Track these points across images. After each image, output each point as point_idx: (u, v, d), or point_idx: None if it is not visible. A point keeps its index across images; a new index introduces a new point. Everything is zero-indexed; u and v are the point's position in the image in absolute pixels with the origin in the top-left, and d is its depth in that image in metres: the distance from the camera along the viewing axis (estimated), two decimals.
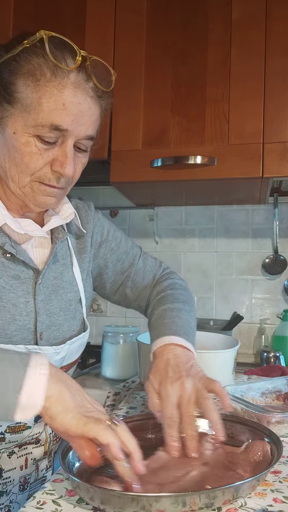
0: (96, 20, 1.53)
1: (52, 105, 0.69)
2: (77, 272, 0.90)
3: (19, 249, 0.77)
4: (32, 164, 0.71)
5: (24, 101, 0.69)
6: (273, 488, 0.65)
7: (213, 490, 0.57)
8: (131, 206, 2.01)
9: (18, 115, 0.70)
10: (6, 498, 0.79)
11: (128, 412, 0.99)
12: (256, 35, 1.41)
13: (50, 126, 0.69)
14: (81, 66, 0.71)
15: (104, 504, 0.57)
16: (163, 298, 0.94)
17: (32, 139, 0.70)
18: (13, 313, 0.77)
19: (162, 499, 0.55)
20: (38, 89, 0.69)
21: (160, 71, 1.49)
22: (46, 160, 0.72)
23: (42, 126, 0.69)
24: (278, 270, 1.84)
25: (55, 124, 0.69)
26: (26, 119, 0.69)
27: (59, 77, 0.69)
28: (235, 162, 1.40)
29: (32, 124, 0.69)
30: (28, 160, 0.71)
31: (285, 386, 1.05)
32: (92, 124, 0.74)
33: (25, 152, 0.70)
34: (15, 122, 0.70)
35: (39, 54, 0.69)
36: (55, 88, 0.69)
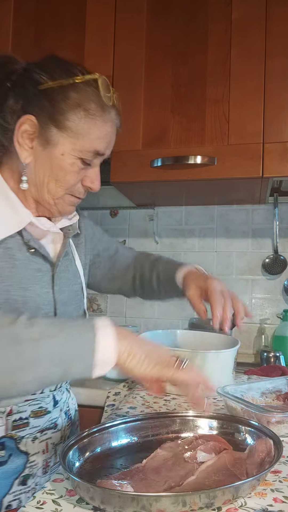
0: (96, 20, 1.53)
1: (98, 134, 0.82)
2: (79, 265, 0.99)
3: (39, 245, 0.87)
4: (72, 180, 0.83)
5: (74, 129, 0.80)
6: (273, 487, 0.65)
7: (213, 490, 0.57)
8: (131, 206, 2.01)
9: (66, 139, 0.80)
10: (32, 481, 0.85)
11: (128, 412, 0.99)
12: (256, 35, 1.42)
13: (94, 151, 0.82)
14: (114, 104, 0.85)
15: (104, 504, 0.57)
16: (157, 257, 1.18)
17: (76, 160, 0.82)
18: (38, 303, 0.84)
19: (162, 499, 0.55)
20: (88, 121, 0.80)
21: (160, 71, 1.50)
22: (80, 177, 0.85)
23: (87, 151, 0.82)
24: (278, 270, 1.84)
25: (97, 150, 0.83)
26: (74, 144, 0.81)
27: (106, 112, 0.82)
28: (235, 162, 1.41)
29: (79, 149, 0.81)
30: (70, 177, 0.83)
31: (285, 386, 1.05)
32: (111, 148, 0.89)
33: (69, 171, 0.82)
34: (63, 145, 0.81)
35: (92, 92, 0.81)
36: (102, 121, 0.82)
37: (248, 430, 0.77)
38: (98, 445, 0.74)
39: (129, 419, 0.80)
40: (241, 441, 0.76)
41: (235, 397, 0.91)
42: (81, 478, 0.60)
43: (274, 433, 0.72)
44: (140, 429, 0.79)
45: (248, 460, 0.68)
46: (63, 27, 1.57)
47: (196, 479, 0.64)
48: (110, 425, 0.77)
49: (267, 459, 0.67)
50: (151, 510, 0.55)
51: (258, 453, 0.68)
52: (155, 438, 0.79)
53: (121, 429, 0.78)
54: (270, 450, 0.68)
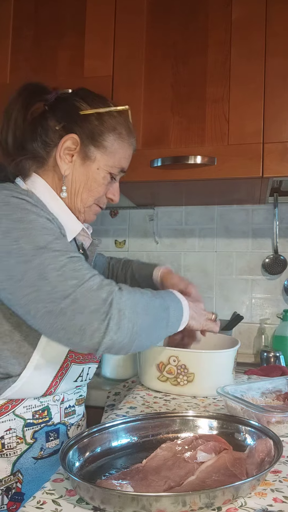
0: (96, 20, 1.53)
1: (124, 155, 1.00)
2: None
3: (85, 248, 1.04)
4: (101, 191, 0.98)
5: (109, 148, 0.96)
6: (273, 487, 0.65)
7: (213, 490, 0.57)
8: (131, 206, 2.01)
9: (102, 156, 0.96)
10: None
11: (128, 412, 0.99)
12: (256, 35, 1.42)
13: (121, 168, 1.00)
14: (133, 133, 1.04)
15: (104, 504, 0.57)
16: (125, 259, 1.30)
17: (107, 175, 0.97)
18: None
19: (162, 499, 0.55)
20: (119, 143, 0.97)
21: (160, 71, 1.50)
22: (106, 190, 1.00)
23: (116, 167, 0.98)
24: (278, 270, 1.84)
25: (123, 167, 1.00)
26: (108, 161, 0.96)
27: (131, 137, 1.01)
28: (235, 162, 1.41)
29: (111, 165, 0.97)
30: (101, 188, 0.98)
31: (285, 386, 1.05)
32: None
33: (101, 183, 0.97)
34: (99, 161, 0.96)
35: (124, 120, 0.99)
36: (129, 145, 1.00)
37: (248, 430, 0.77)
38: (98, 445, 0.74)
39: (129, 419, 0.81)
40: (241, 441, 0.76)
41: (235, 397, 0.91)
42: (81, 478, 0.60)
43: (274, 433, 0.72)
44: (140, 429, 0.79)
45: (248, 460, 0.68)
46: (63, 27, 1.57)
47: (196, 479, 0.64)
48: (110, 425, 0.77)
49: (267, 459, 0.67)
50: (151, 510, 0.55)
51: (258, 453, 0.68)
52: (155, 438, 0.79)
53: (121, 429, 0.78)
54: (270, 450, 0.68)
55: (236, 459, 0.69)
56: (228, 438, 0.76)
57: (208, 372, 1.11)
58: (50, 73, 1.55)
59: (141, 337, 0.80)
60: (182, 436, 0.79)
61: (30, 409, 0.88)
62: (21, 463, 0.86)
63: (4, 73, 1.59)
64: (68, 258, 0.78)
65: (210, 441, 0.73)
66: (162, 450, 0.72)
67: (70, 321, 0.74)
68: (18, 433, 0.86)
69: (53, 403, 0.92)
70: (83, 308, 0.74)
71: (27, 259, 0.75)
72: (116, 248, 2.04)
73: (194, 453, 0.71)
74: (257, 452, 0.68)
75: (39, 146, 0.94)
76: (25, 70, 1.57)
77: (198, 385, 1.10)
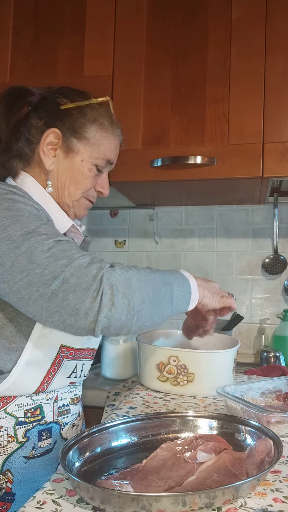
0: (96, 19, 1.53)
1: (110, 146, 0.99)
2: None
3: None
4: (89, 184, 0.98)
5: (92, 139, 0.96)
6: (273, 487, 0.65)
7: (213, 490, 0.57)
8: (131, 206, 2.01)
9: (85, 148, 0.96)
10: None
11: (128, 412, 0.99)
12: (256, 34, 1.42)
13: (107, 159, 0.99)
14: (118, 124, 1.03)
15: (104, 504, 0.57)
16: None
17: (93, 167, 0.97)
18: None
19: (162, 499, 0.55)
20: (102, 133, 0.97)
21: (160, 70, 1.49)
22: (94, 183, 0.99)
23: (101, 159, 0.98)
24: (278, 270, 1.84)
25: (109, 158, 0.99)
26: (92, 153, 0.96)
27: (115, 128, 1.00)
28: (235, 162, 1.40)
29: (95, 156, 0.97)
30: (88, 181, 0.98)
31: (285, 386, 1.05)
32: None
33: (87, 175, 0.97)
34: (83, 154, 0.96)
35: (105, 111, 0.99)
36: (112, 135, 0.99)
37: (248, 430, 0.77)
38: (98, 445, 0.74)
39: (129, 419, 0.80)
40: (241, 441, 0.76)
41: (235, 397, 0.91)
42: (81, 478, 0.60)
43: (274, 433, 0.72)
44: (140, 429, 0.79)
45: (248, 460, 0.68)
46: (63, 26, 1.57)
47: (196, 479, 0.64)
48: (110, 425, 0.77)
49: (267, 459, 0.67)
50: (151, 510, 0.55)
51: (258, 453, 0.68)
52: (155, 438, 0.79)
53: (121, 429, 0.78)
54: (270, 450, 0.68)
55: (236, 459, 0.69)
56: (228, 438, 0.76)
57: (208, 372, 1.11)
58: (50, 72, 1.54)
59: (140, 313, 0.77)
60: (182, 436, 0.79)
61: (22, 408, 0.86)
62: (11, 462, 0.85)
63: (4, 72, 1.59)
64: (56, 241, 0.78)
65: (210, 441, 0.73)
66: (162, 450, 0.72)
67: (63, 302, 0.73)
68: (9, 432, 0.85)
69: (46, 401, 0.90)
70: (75, 287, 0.73)
71: (17, 245, 0.76)
72: (116, 248, 2.03)
73: (194, 453, 0.71)
74: (257, 452, 0.68)
75: (24, 144, 0.95)
76: (25, 69, 1.57)
77: (198, 385, 1.10)
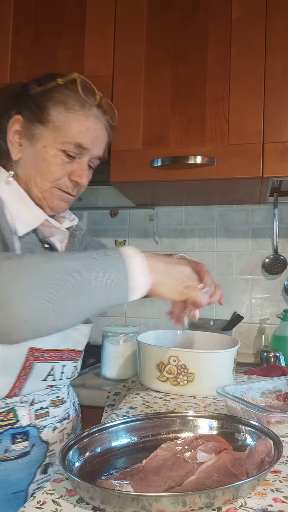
0: (96, 19, 1.53)
1: (79, 128, 0.89)
2: None
3: (51, 242, 0.94)
4: (56, 172, 0.89)
5: (56, 123, 0.88)
6: (273, 487, 0.65)
7: (213, 490, 0.57)
8: (131, 206, 2.01)
9: (48, 133, 0.88)
10: (52, 469, 0.90)
11: (128, 412, 0.99)
12: (256, 34, 1.41)
13: (75, 143, 0.89)
14: (99, 104, 0.92)
15: (104, 504, 0.57)
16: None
17: (59, 152, 0.88)
18: None
19: (162, 499, 0.55)
20: (68, 115, 0.88)
21: (160, 70, 1.49)
22: (66, 171, 0.90)
23: (69, 143, 0.88)
24: (278, 270, 1.84)
25: (79, 142, 0.89)
26: (56, 137, 0.88)
27: (86, 108, 0.89)
28: (235, 162, 1.40)
29: (60, 141, 0.88)
30: (54, 169, 0.89)
31: (285, 386, 1.05)
32: (102, 147, 0.95)
33: (52, 162, 0.88)
34: (45, 139, 0.88)
35: (71, 89, 0.89)
36: (82, 116, 0.89)
37: (248, 430, 0.77)
38: (98, 445, 0.74)
39: (129, 419, 0.80)
40: (241, 441, 0.76)
41: (235, 397, 0.91)
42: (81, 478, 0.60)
43: (274, 433, 0.72)
44: (140, 429, 0.79)
45: (248, 460, 0.68)
46: (63, 25, 1.57)
47: (196, 479, 0.64)
48: (110, 425, 0.77)
49: (267, 459, 0.67)
50: (151, 510, 0.55)
51: (258, 453, 0.68)
52: (155, 438, 0.79)
53: (121, 429, 0.78)
54: (270, 450, 0.68)
55: (236, 459, 0.69)
56: (228, 438, 0.76)
57: (208, 372, 1.11)
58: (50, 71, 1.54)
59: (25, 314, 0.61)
60: (182, 436, 0.79)
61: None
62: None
63: (4, 72, 1.59)
64: None
65: (210, 441, 0.73)
66: (162, 450, 0.72)
67: None
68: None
69: (21, 404, 0.87)
70: None
71: None
72: None
73: (194, 453, 0.71)
74: (257, 452, 0.68)
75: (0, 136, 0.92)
76: (25, 69, 1.58)
77: (198, 385, 1.10)
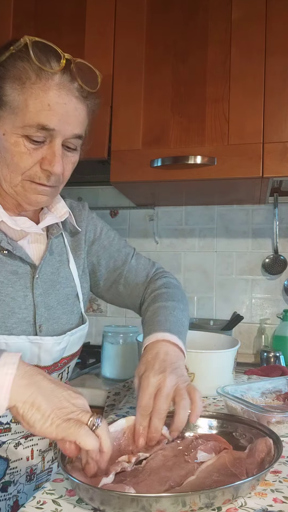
0: (96, 18, 1.53)
1: (38, 106, 0.72)
2: (74, 268, 0.94)
3: (15, 246, 0.80)
4: (22, 163, 0.75)
5: (12, 104, 0.73)
6: (273, 488, 0.65)
7: (213, 490, 0.57)
8: (131, 206, 2.01)
9: (7, 117, 0.74)
10: (14, 488, 0.81)
11: (128, 412, 0.99)
12: (256, 34, 1.41)
13: (37, 126, 0.72)
14: (66, 68, 0.74)
15: (104, 505, 0.57)
16: (157, 296, 0.96)
17: (21, 139, 0.74)
18: (12, 307, 0.80)
19: (162, 499, 0.55)
20: (24, 92, 0.72)
21: (160, 70, 1.49)
22: (35, 159, 0.75)
23: (29, 126, 0.73)
24: (278, 270, 1.84)
25: (41, 124, 0.72)
26: (14, 121, 0.73)
27: (43, 79, 0.72)
28: (235, 162, 1.40)
29: (20, 125, 0.73)
30: (18, 159, 0.74)
31: (285, 386, 1.05)
32: (79, 124, 0.77)
33: (14, 152, 0.74)
34: (4, 124, 0.74)
35: (24, 59, 0.73)
36: (40, 89, 0.72)
37: (248, 430, 0.77)
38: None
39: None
40: (241, 441, 0.76)
41: (235, 397, 0.91)
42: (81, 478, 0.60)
43: (274, 433, 0.72)
44: None
45: (248, 460, 0.68)
46: (63, 24, 1.57)
47: (196, 479, 0.64)
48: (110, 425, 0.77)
49: (267, 459, 0.67)
50: (151, 510, 0.55)
51: (258, 452, 0.68)
52: None
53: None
54: (270, 450, 0.68)
55: (236, 459, 0.69)
56: (228, 437, 0.76)
57: (208, 372, 1.11)
58: None
59: None
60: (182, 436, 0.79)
61: None
62: None
63: None
64: None
65: (210, 441, 0.73)
66: (162, 450, 0.72)
67: None
68: None
69: None
70: None
71: None
72: None
73: (194, 453, 0.71)
74: (257, 451, 0.68)
75: None
76: None
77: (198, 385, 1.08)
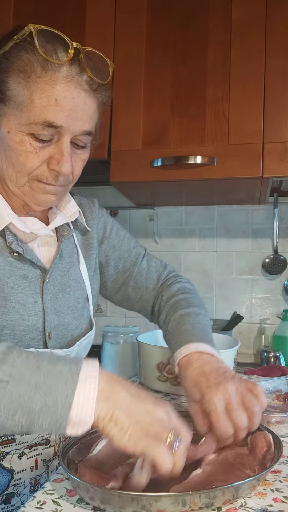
0: (96, 19, 1.53)
1: (44, 101, 0.67)
2: (84, 269, 0.89)
3: (26, 248, 0.76)
4: (28, 163, 0.70)
5: (16, 99, 0.67)
6: (273, 487, 0.65)
7: (213, 490, 0.57)
8: (131, 206, 2.01)
9: (11, 114, 0.68)
10: (18, 500, 0.78)
11: None
12: (256, 35, 1.41)
13: (44, 123, 0.67)
14: (74, 59, 0.68)
15: (104, 504, 0.57)
16: (176, 303, 0.91)
17: (26, 137, 0.69)
18: (22, 313, 0.76)
19: (162, 499, 0.55)
20: (29, 86, 0.67)
21: (160, 71, 1.49)
22: (42, 159, 0.70)
23: (35, 123, 0.67)
24: (278, 270, 1.84)
25: (48, 121, 0.67)
26: (19, 118, 0.68)
27: (50, 71, 0.67)
28: (235, 162, 1.40)
29: (25, 122, 0.68)
30: (24, 159, 0.69)
31: (285, 386, 1.04)
32: (88, 119, 0.72)
33: (20, 151, 0.69)
34: (8, 121, 0.69)
35: (28, 49, 0.67)
36: (46, 83, 0.66)
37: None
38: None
39: None
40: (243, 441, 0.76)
41: None
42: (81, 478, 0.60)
43: (274, 433, 0.72)
44: None
45: (250, 456, 0.69)
46: (63, 26, 1.55)
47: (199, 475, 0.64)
48: None
49: (267, 455, 0.67)
50: (151, 510, 0.55)
51: (258, 449, 0.69)
52: None
53: None
54: (270, 444, 0.69)
55: (237, 454, 0.69)
56: None
57: None
58: None
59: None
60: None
61: None
62: None
63: None
64: None
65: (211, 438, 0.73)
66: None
67: None
68: None
69: None
70: None
71: None
72: None
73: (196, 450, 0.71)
74: (257, 447, 0.69)
75: None
76: None
77: None
